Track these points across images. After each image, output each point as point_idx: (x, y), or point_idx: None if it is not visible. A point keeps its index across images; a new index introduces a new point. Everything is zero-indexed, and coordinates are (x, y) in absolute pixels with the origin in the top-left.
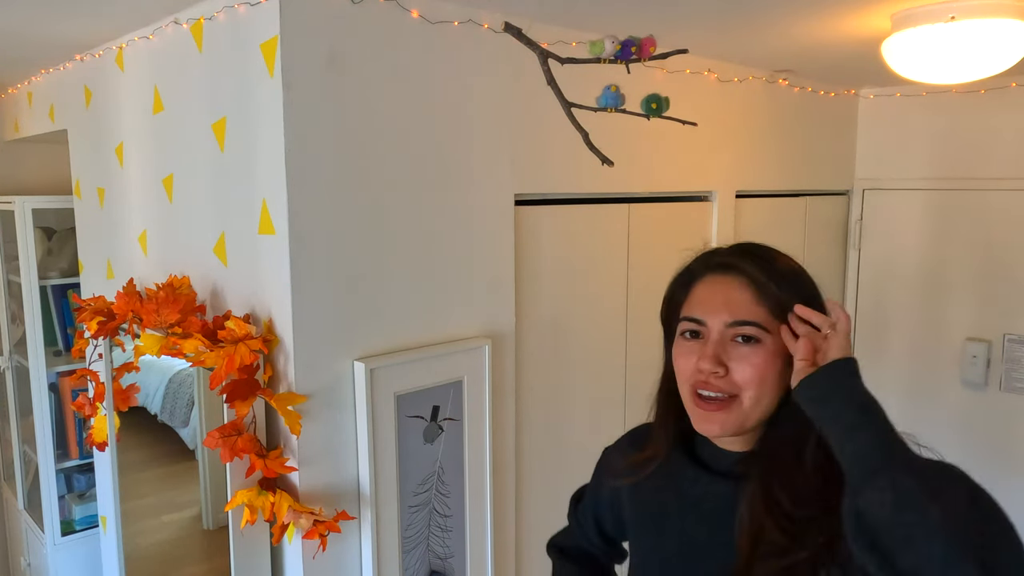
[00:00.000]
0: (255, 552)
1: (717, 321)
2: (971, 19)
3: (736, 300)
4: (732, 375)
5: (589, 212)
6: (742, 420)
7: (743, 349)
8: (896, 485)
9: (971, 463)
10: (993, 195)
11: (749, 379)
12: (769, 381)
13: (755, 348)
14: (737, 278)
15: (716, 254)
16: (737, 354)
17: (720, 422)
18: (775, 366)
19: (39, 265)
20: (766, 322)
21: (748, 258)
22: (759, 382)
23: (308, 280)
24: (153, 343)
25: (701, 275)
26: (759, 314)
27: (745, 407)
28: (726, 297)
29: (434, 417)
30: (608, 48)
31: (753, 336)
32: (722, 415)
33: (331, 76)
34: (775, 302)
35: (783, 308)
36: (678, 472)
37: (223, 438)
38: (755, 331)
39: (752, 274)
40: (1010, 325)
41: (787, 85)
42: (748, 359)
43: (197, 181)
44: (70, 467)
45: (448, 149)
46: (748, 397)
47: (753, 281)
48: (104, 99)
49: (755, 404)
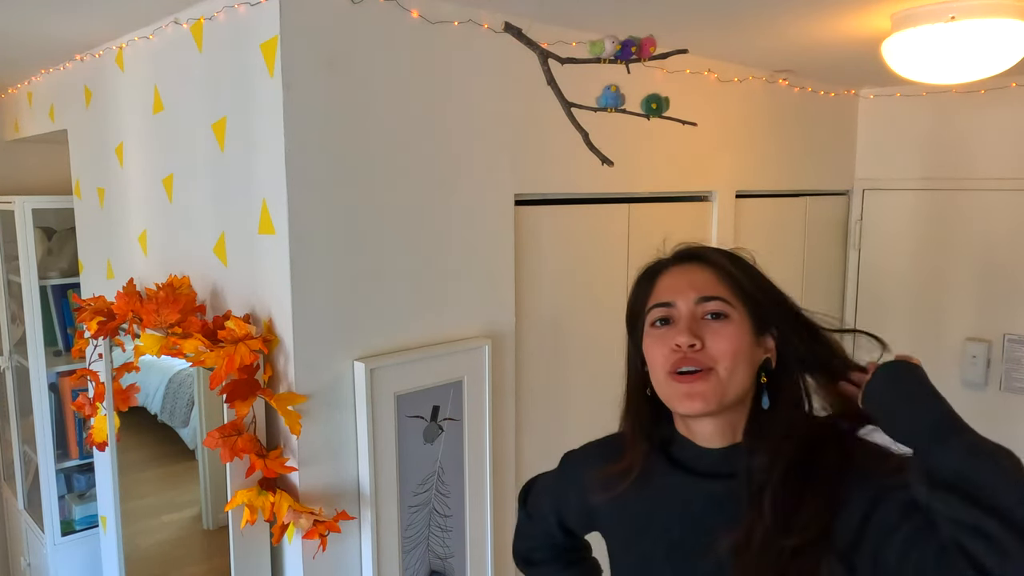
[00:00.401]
0: (255, 552)
1: (686, 300)
2: (971, 19)
3: (700, 280)
4: (707, 348)
5: (589, 212)
6: (721, 392)
7: (714, 324)
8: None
9: None
10: (993, 195)
11: (724, 351)
12: (742, 354)
13: (725, 323)
14: (698, 264)
15: (674, 252)
16: (709, 329)
17: (702, 393)
18: (745, 339)
19: (39, 265)
20: (731, 299)
21: (706, 249)
22: (733, 354)
23: (308, 280)
24: (153, 343)
25: (664, 268)
26: (724, 291)
27: (723, 378)
28: (691, 279)
29: (434, 417)
30: (608, 48)
31: (721, 312)
32: (703, 385)
33: (331, 76)
34: (736, 282)
35: (743, 290)
36: (660, 476)
37: (223, 438)
38: (722, 306)
39: (712, 259)
40: (1010, 325)
41: (787, 85)
42: (720, 332)
43: (197, 181)
44: (70, 467)
45: (448, 149)
46: (724, 368)
47: (713, 264)
48: (104, 99)
49: (731, 376)
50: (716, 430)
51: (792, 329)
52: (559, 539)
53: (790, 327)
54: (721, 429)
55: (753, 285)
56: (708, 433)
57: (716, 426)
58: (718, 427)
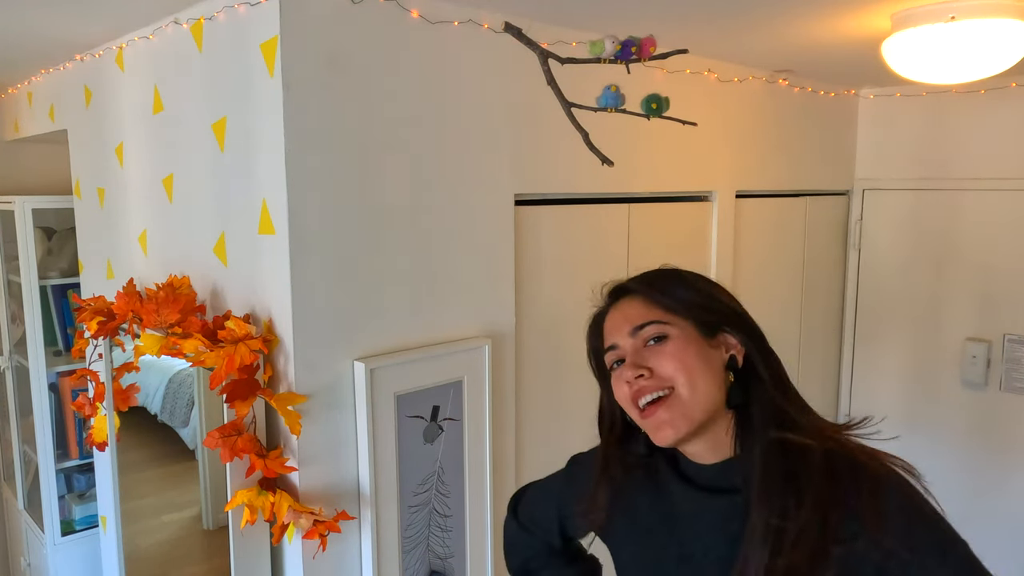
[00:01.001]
0: (255, 552)
1: (623, 335)
2: (971, 19)
3: (631, 311)
4: (657, 373)
5: (589, 212)
6: (687, 411)
7: (656, 348)
8: None
9: (971, 463)
10: (993, 195)
11: (673, 369)
12: (694, 366)
13: (664, 343)
14: (626, 298)
15: (609, 291)
16: (652, 354)
17: (668, 421)
18: (690, 350)
19: (39, 265)
20: (663, 317)
21: (631, 280)
22: (683, 368)
23: (308, 280)
24: (153, 343)
25: (603, 313)
26: (654, 313)
27: (683, 397)
28: (624, 314)
29: (434, 417)
30: (608, 48)
31: (658, 334)
32: (665, 412)
33: (331, 76)
34: (662, 299)
35: (674, 301)
36: (671, 489)
37: (223, 438)
38: (657, 328)
39: (635, 288)
40: (1010, 325)
41: (787, 85)
42: (663, 353)
43: (197, 181)
44: (70, 467)
45: (448, 149)
46: (681, 386)
47: (637, 292)
48: (104, 99)
49: (691, 392)
50: (704, 448)
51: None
52: (557, 544)
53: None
54: (710, 446)
55: (682, 293)
56: (697, 452)
57: (702, 445)
58: (705, 445)
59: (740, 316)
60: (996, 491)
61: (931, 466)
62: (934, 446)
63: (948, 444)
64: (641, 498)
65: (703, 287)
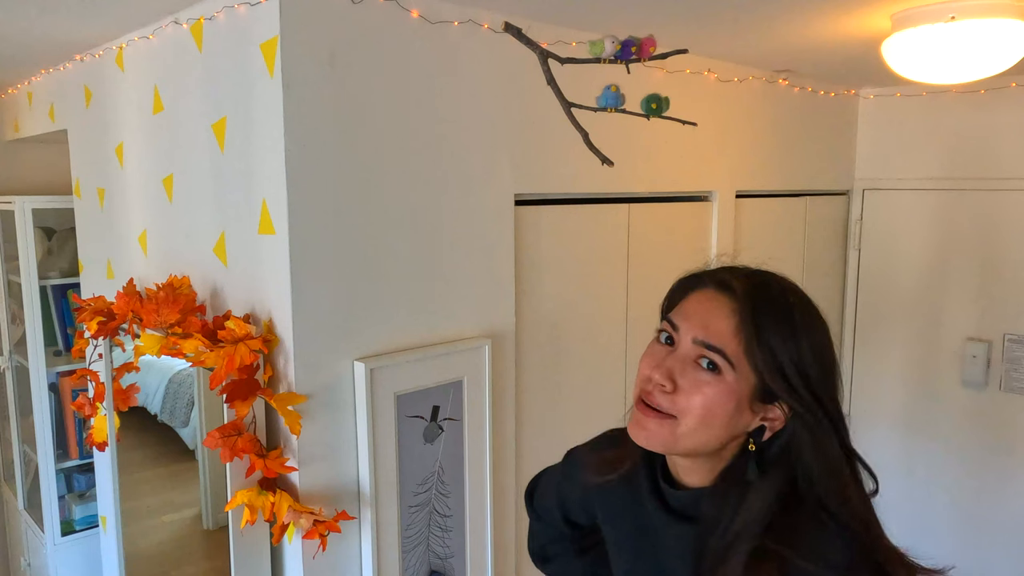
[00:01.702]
0: (255, 552)
1: (687, 335)
2: (971, 19)
3: (715, 321)
4: (678, 396)
5: (589, 212)
6: (671, 441)
7: (702, 375)
8: None
9: (971, 463)
10: (993, 195)
11: (693, 407)
12: (715, 417)
13: (714, 378)
14: (729, 302)
15: (725, 271)
16: (693, 378)
17: (652, 431)
18: (726, 405)
19: (39, 265)
20: (734, 355)
21: (751, 286)
22: (702, 414)
23: (308, 280)
24: (153, 343)
25: (701, 285)
26: (733, 344)
27: (679, 432)
28: (708, 314)
29: (434, 417)
30: (608, 48)
31: (716, 365)
32: (655, 425)
33: (331, 76)
34: (752, 341)
35: (761, 351)
36: (642, 497)
37: (223, 438)
38: (719, 359)
39: (744, 299)
40: (1010, 325)
41: (787, 85)
42: (702, 387)
43: (197, 181)
44: (70, 467)
45: (448, 149)
46: (685, 424)
47: (740, 308)
48: (104, 99)
49: (690, 434)
50: (690, 467)
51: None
52: (567, 532)
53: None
54: (696, 467)
55: (777, 346)
56: (682, 467)
57: (690, 464)
58: (690, 465)
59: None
60: (996, 491)
61: (931, 466)
62: (934, 446)
63: (948, 444)
64: (618, 500)
65: (808, 348)
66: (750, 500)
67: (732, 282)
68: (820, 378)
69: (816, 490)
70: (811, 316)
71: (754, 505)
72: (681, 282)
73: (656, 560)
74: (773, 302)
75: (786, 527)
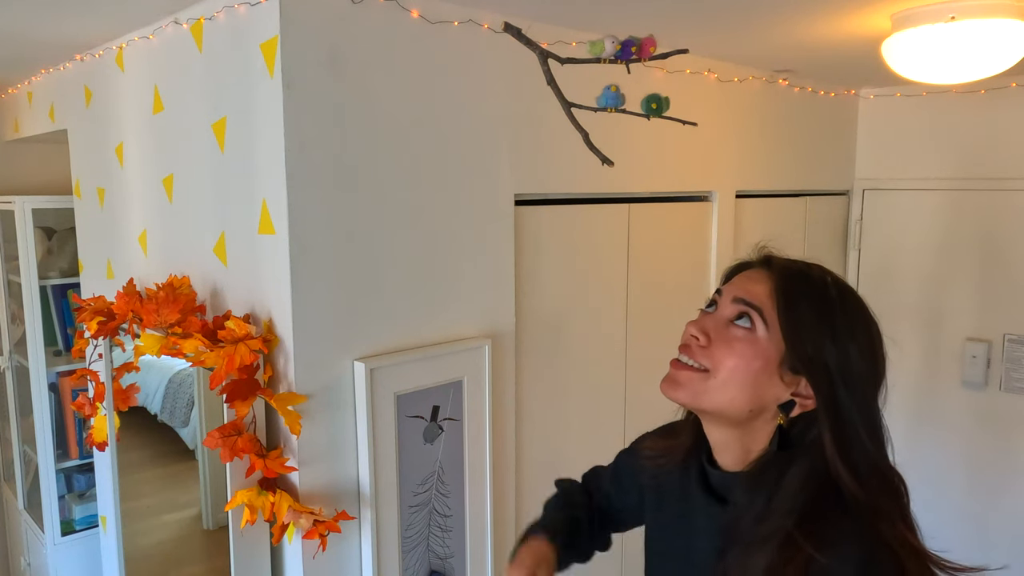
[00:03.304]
0: (255, 552)
1: (727, 296)
2: (971, 19)
3: (753, 284)
4: (711, 349)
5: (589, 212)
6: (700, 393)
7: (736, 331)
8: None
9: (971, 463)
10: (993, 195)
11: (725, 360)
12: (745, 375)
13: (747, 334)
14: (768, 272)
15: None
16: (727, 334)
17: (681, 382)
18: (754, 363)
19: (39, 265)
20: (768, 316)
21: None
22: (734, 369)
23: (308, 280)
24: (153, 343)
25: (748, 267)
26: (767, 304)
27: (709, 384)
28: (748, 281)
29: (434, 417)
30: (608, 48)
31: (751, 319)
32: (684, 376)
33: (331, 76)
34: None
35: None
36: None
37: (223, 438)
38: (753, 313)
39: (780, 271)
40: (1010, 325)
41: (787, 85)
42: (734, 342)
43: (197, 181)
44: (70, 467)
45: (448, 149)
46: (716, 377)
47: (776, 275)
48: (104, 99)
49: (721, 388)
50: (723, 443)
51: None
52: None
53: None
54: (728, 445)
55: (806, 319)
56: (717, 444)
57: (723, 438)
58: (725, 441)
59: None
60: (996, 491)
61: (931, 466)
62: (934, 446)
63: (948, 444)
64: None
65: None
66: (783, 488)
67: (774, 261)
68: (849, 375)
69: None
70: (855, 317)
71: (786, 493)
72: (731, 268)
73: (688, 540)
74: (811, 285)
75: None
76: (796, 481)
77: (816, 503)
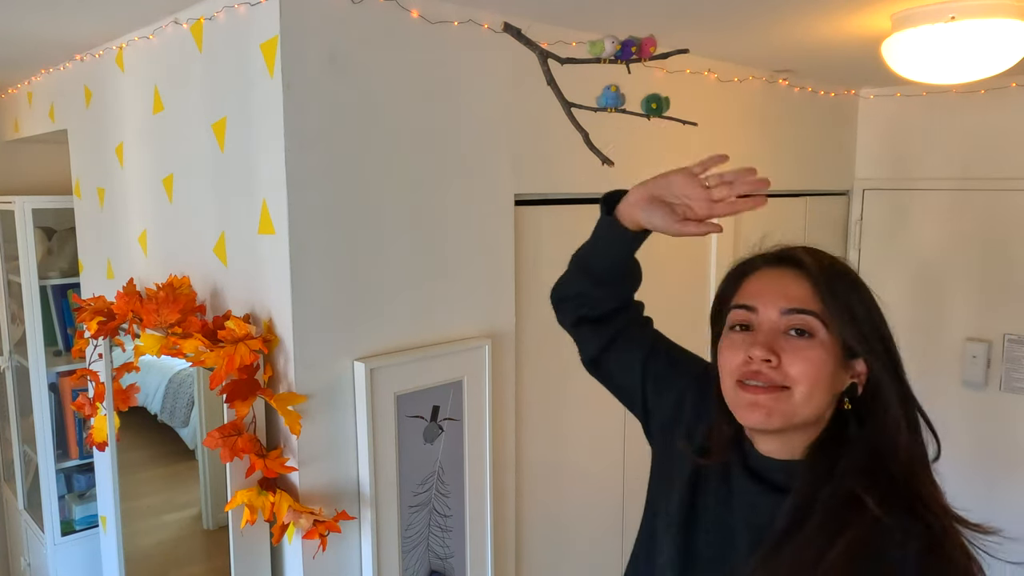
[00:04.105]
0: (255, 552)
1: (771, 309)
2: (971, 19)
3: (793, 289)
4: (785, 367)
5: (589, 212)
6: (790, 413)
7: (797, 342)
8: None
9: (971, 463)
10: (993, 195)
11: (803, 372)
12: (823, 380)
13: (810, 342)
14: (793, 269)
15: (774, 250)
16: (791, 346)
17: (767, 408)
18: (828, 365)
19: (39, 265)
20: (822, 315)
21: (807, 253)
22: (813, 378)
23: (308, 280)
24: (153, 343)
25: (756, 268)
26: (816, 305)
27: (796, 400)
28: (782, 286)
29: (434, 417)
30: (608, 48)
31: (808, 329)
32: (769, 399)
33: (331, 76)
34: (832, 298)
35: (843, 310)
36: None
37: (223, 438)
38: (812, 321)
39: (811, 266)
40: (1010, 325)
41: (787, 85)
42: (802, 352)
43: (197, 181)
44: (70, 467)
45: (448, 149)
46: (800, 392)
47: (810, 273)
48: (104, 99)
49: (806, 400)
50: (778, 446)
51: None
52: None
53: (883, 353)
54: (783, 445)
55: (854, 304)
56: (768, 447)
57: (779, 443)
58: (781, 443)
59: (887, 348)
60: (996, 491)
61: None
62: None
63: (948, 444)
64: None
65: (871, 306)
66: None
67: (789, 255)
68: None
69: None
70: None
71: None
72: (733, 273)
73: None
74: (834, 263)
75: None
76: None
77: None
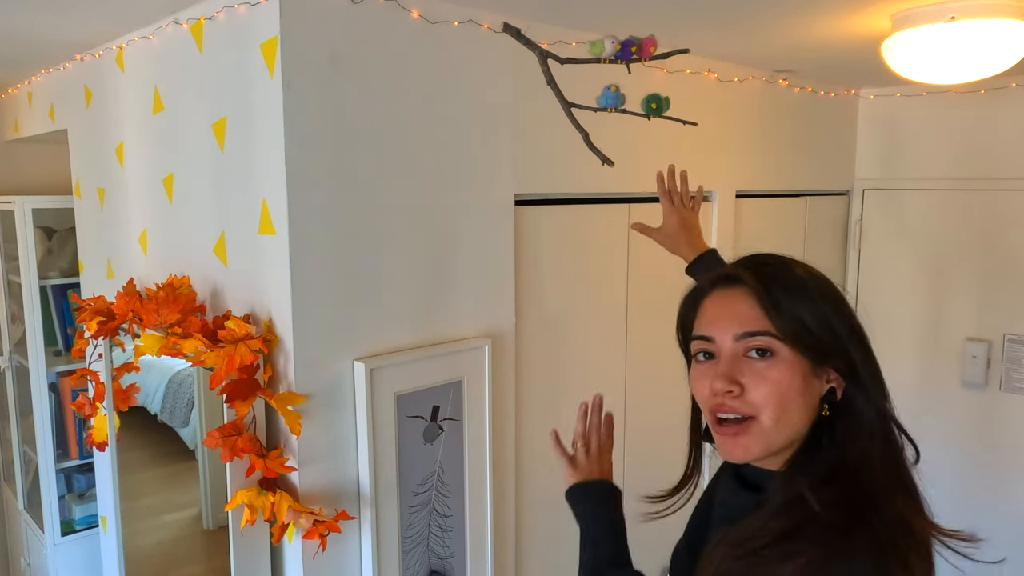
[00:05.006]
0: (255, 552)
1: (726, 336)
2: (971, 19)
3: (743, 311)
4: (747, 394)
5: (589, 212)
6: (766, 443)
7: (758, 364)
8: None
9: (971, 463)
10: (993, 195)
11: (766, 397)
12: (790, 398)
13: (770, 362)
14: (742, 289)
15: (722, 270)
16: (751, 370)
17: (744, 447)
18: (795, 380)
19: (39, 265)
20: (775, 331)
21: (752, 269)
22: (778, 400)
23: (308, 280)
24: (153, 343)
25: (707, 291)
26: (769, 323)
27: (766, 427)
28: (732, 309)
29: (434, 417)
30: (608, 48)
31: (767, 348)
32: (745, 439)
33: (331, 76)
34: (778, 314)
35: (794, 320)
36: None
37: (223, 438)
38: (767, 341)
39: (755, 284)
40: (1010, 325)
41: (787, 85)
42: (763, 374)
43: (197, 181)
44: (70, 467)
45: (448, 149)
46: (767, 417)
47: (756, 291)
48: (104, 99)
49: (776, 424)
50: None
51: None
52: None
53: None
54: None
55: (804, 311)
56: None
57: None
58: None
59: (859, 344)
60: (996, 491)
61: (931, 466)
62: (934, 446)
63: (948, 444)
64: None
65: (828, 303)
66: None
67: (734, 273)
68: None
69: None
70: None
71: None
72: (687, 300)
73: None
74: (777, 270)
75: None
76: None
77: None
